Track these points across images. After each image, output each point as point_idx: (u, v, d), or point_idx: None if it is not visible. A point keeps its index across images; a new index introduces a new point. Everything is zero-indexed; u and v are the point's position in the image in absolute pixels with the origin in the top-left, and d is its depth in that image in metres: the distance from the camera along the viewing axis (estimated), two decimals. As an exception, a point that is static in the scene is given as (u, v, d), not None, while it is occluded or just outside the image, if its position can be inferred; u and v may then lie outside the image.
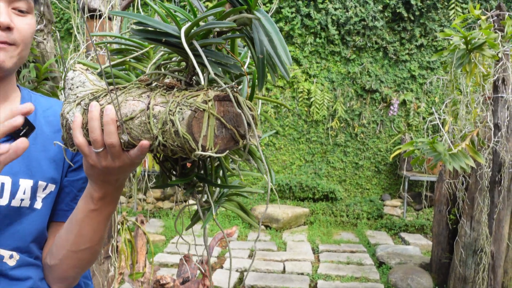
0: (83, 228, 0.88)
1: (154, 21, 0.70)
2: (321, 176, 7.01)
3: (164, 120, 0.65)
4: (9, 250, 0.91)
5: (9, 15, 0.87)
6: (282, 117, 7.07)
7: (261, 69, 0.71)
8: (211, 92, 0.67)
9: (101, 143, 0.71)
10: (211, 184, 0.83)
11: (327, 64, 6.94)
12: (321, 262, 4.79)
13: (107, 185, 0.81)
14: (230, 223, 6.29)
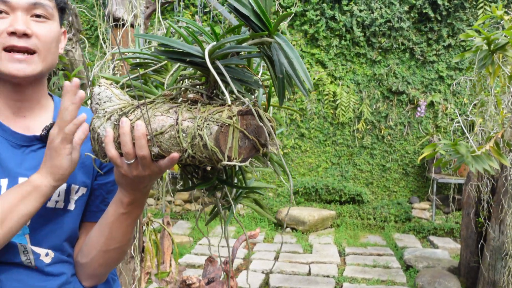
0: (113, 230, 0.94)
1: (178, 43, 0.76)
2: (348, 178, 6.99)
3: (193, 134, 0.72)
4: (45, 248, 0.98)
5: (26, 22, 0.93)
6: (308, 120, 7.08)
7: (281, 87, 0.76)
8: (235, 108, 0.73)
9: (133, 155, 0.77)
10: (231, 185, 0.88)
11: (352, 66, 6.92)
12: (347, 264, 4.78)
13: (136, 191, 0.87)
14: (257, 225, 6.33)
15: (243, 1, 0.71)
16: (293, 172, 7.19)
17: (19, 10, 0.92)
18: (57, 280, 0.98)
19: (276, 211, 6.43)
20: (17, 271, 0.95)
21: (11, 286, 0.93)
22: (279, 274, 4.45)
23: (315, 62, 7.04)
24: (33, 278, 0.96)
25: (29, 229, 0.96)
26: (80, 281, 1.03)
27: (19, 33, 0.91)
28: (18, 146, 0.98)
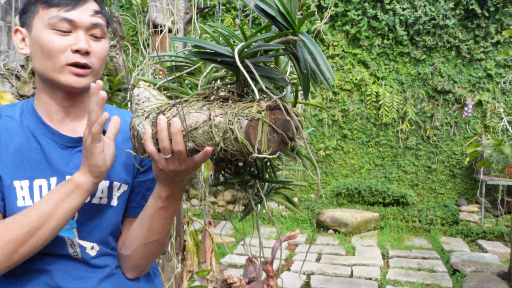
0: (153, 223, 1.00)
1: (209, 44, 0.80)
2: (392, 180, 6.86)
3: (224, 129, 0.76)
4: (91, 242, 1.05)
5: (87, 41, 1.01)
6: (350, 121, 7.01)
7: (306, 82, 0.79)
8: (263, 103, 0.77)
9: (170, 151, 0.82)
10: (261, 180, 0.92)
11: (395, 65, 6.79)
12: (390, 267, 4.70)
13: (173, 185, 0.93)
14: (298, 226, 6.33)
15: (269, 2, 0.74)
16: (336, 174, 7.14)
17: (81, 29, 1.01)
18: (102, 271, 1.05)
19: (318, 212, 6.41)
20: (65, 262, 1.02)
21: (60, 276, 1.01)
22: (321, 275, 4.44)
23: (357, 63, 6.97)
24: (80, 270, 1.03)
25: (76, 223, 1.04)
26: (123, 273, 1.10)
27: (82, 52, 1.00)
28: (65, 147, 1.06)
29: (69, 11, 0.99)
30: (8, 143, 1.02)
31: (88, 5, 1.02)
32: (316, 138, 7.19)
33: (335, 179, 7.13)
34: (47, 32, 0.99)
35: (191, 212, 6.93)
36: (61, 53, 0.99)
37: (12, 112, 1.08)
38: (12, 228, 0.91)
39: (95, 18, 1.03)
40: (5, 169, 1.00)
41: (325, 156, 7.16)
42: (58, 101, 1.06)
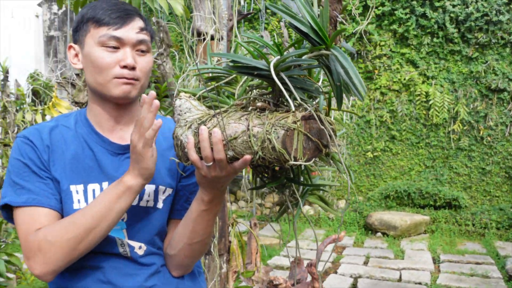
0: (196, 225, 1.07)
1: (246, 58, 0.85)
2: (443, 182, 6.65)
3: (262, 138, 0.81)
4: (139, 242, 1.13)
5: (134, 57, 1.08)
6: (399, 122, 6.87)
7: (339, 93, 0.83)
8: (298, 114, 0.81)
9: (211, 159, 0.88)
10: (297, 183, 0.95)
11: (446, 64, 6.60)
12: (441, 272, 4.57)
13: (214, 190, 0.99)
14: (346, 229, 6.28)
15: (302, 20, 0.78)
16: (384, 176, 7.01)
17: (128, 46, 1.08)
18: (149, 269, 1.13)
19: (366, 215, 6.32)
20: (116, 260, 1.11)
21: (111, 273, 1.09)
22: (368, 279, 4.38)
23: (406, 62, 6.82)
24: (129, 267, 1.11)
25: (126, 224, 1.12)
26: (169, 271, 1.17)
27: (129, 67, 1.07)
28: (115, 154, 1.14)
29: (117, 30, 1.07)
30: (65, 151, 1.11)
31: (134, 23, 1.09)
32: (364, 140, 7.09)
33: (384, 181, 7.00)
34: (97, 49, 1.08)
35: (238, 213, 7.03)
36: (110, 69, 1.07)
37: (68, 122, 1.17)
38: (71, 228, 0.99)
39: (141, 34, 1.10)
40: (62, 175, 1.09)
41: (373, 158, 7.05)
42: (108, 112, 1.14)
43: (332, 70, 0.81)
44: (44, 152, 1.10)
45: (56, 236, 0.99)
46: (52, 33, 8.31)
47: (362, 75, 7.09)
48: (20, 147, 1.10)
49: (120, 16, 1.08)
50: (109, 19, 1.07)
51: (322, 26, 0.78)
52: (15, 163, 1.08)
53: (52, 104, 3.13)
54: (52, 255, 0.98)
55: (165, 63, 2.30)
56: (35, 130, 1.14)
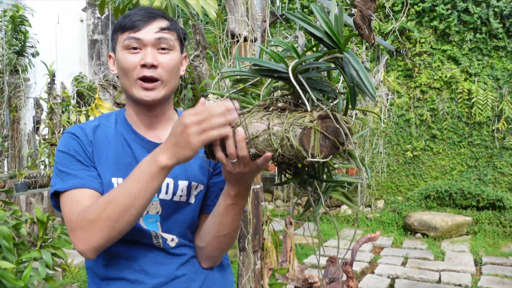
0: (223, 218, 1.12)
1: (267, 62, 0.90)
2: (487, 182, 6.45)
3: (281, 137, 0.86)
4: (171, 234, 1.20)
5: (154, 55, 1.14)
6: (440, 120, 6.71)
7: (353, 94, 0.86)
8: (315, 113, 0.85)
9: (235, 156, 0.93)
10: (318, 179, 0.99)
11: (490, 60, 6.39)
12: (483, 274, 4.45)
13: (240, 185, 1.04)
14: (384, 230, 6.20)
15: (317, 26, 0.81)
16: (424, 175, 6.87)
17: (148, 45, 1.15)
18: (180, 259, 1.20)
19: (405, 215, 6.22)
20: (150, 250, 1.18)
21: (144, 262, 1.17)
22: (406, 279, 4.32)
23: (447, 59, 6.66)
24: (161, 257, 1.18)
25: (160, 217, 1.19)
26: (199, 263, 1.24)
27: (148, 65, 1.13)
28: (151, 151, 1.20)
29: (136, 32, 1.14)
30: (108, 148, 1.20)
31: (155, 24, 1.16)
32: (403, 139, 6.97)
33: (424, 181, 6.86)
34: (123, 52, 1.16)
35: (275, 213, 7.07)
36: (133, 69, 1.14)
37: (109, 121, 1.26)
38: (109, 207, 1.02)
39: (160, 33, 1.15)
40: (105, 168, 1.17)
41: (412, 157, 6.92)
42: (142, 112, 1.22)
43: (346, 72, 0.84)
44: (89, 146, 1.18)
45: (95, 214, 1.03)
46: (96, 37, 8.62)
47: (401, 73, 6.97)
48: (66, 141, 1.18)
49: (140, 20, 1.14)
50: (131, 23, 1.14)
51: (336, 31, 0.82)
52: (61, 155, 1.17)
53: (95, 105, 3.27)
54: (92, 233, 1.03)
55: (201, 64, 2.37)
56: (79, 128, 1.23)
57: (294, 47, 0.87)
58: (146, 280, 1.16)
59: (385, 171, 7.07)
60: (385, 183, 7.11)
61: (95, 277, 1.21)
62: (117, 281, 1.17)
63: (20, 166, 5.96)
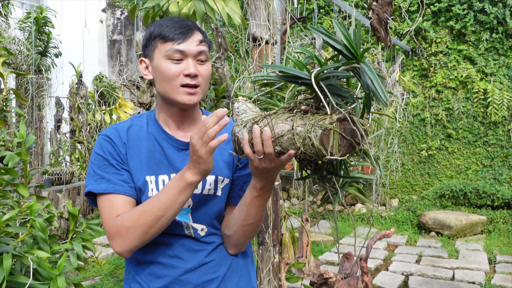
0: (249, 209, 1.24)
1: (292, 69, 1.01)
2: (502, 182, 6.46)
3: (304, 136, 0.96)
4: (201, 224, 1.32)
5: (195, 66, 1.26)
6: (455, 120, 6.73)
7: (368, 99, 0.96)
8: (334, 116, 0.96)
9: (262, 152, 1.04)
10: (336, 175, 1.10)
11: (506, 60, 6.40)
12: (496, 272, 4.49)
13: (265, 179, 1.16)
14: (399, 228, 6.25)
15: (336, 39, 0.92)
16: (439, 175, 6.90)
17: (190, 57, 1.26)
18: (209, 246, 1.33)
19: (420, 214, 6.27)
20: (183, 239, 1.31)
21: (178, 249, 1.30)
22: (420, 276, 4.39)
23: (463, 59, 6.67)
24: (193, 244, 1.31)
25: (191, 209, 1.31)
26: (226, 249, 1.36)
27: (191, 75, 1.25)
28: (180, 149, 1.33)
29: (180, 44, 1.25)
30: (140, 147, 1.32)
31: (195, 37, 1.27)
32: (418, 138, 7.01)
33: (439, 180, 6.89)
34: (164, 61, 1.26)
35: (291, 210, 7.16)
36: (176, 78, 1.26)
37: (141, 122, 1.38)
38: (144, 216, 1.19)
39: (200, 46, 1.27)
40: (138, 168, 1.30)
41: (427, 157, 6.96)
42: (174, 114, 1.34)
43: (362, 79, 0.94)
44: (122, 148, 1.30)
45: (131, 222, 1.19)
46: (115, 37, 8.80)
47: (416, 72, 7.00)
48: (102, 143, 1.31)
49: (182, 32, 1.26)
50: (173, 35, 1.25)
51: (354, 44, 0.92)
52: (96, 157, 1.30)
53: (119, 104, 3.40)
54: (128, 237, 1.19)
55: (222, 66, 2.48)
56: (114, 129, 1.35)
57: (317, 57, 0.97)
58: (180, 265, 1.29)
59: (400, 170, 7.12)
60: (399, 182, 7.16)
61: (132, 261, 1.34)
62: (153, 265, 1.30)
63: (43, 164, 6.15)
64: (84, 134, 3.46)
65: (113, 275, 4.44)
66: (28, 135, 1.91)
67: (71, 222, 2.05)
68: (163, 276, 1.29)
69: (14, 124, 2.55)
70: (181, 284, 1.29)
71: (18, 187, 1.76)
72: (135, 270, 1.33)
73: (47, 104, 6.11)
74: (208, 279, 1.31)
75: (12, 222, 1.68)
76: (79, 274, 4.32)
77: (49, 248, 1.76)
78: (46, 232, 1.68)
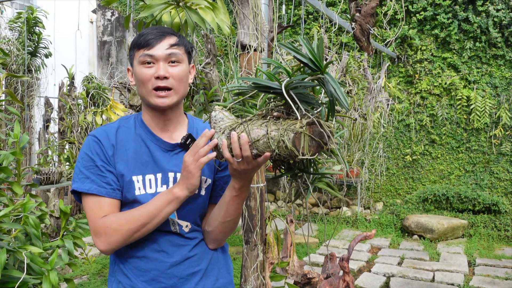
0: (229, 207, 1.35)
1: (264, 81, 1.12)
2: (483, 187, 6.63)
3: (278, 140, 1.07)
4: (186, 221, 1.42)
5: (165, 68, 1.35)
6: (439, 126, 6.89)
7: (332, 105, 1.07)
8: (304, 121, 1.07)
9: (240, 156, 1.15)
10: (307, 172, 1.20)
11: (489, 69, 6.57)
12: (475, 275, 4.63)
13: (243, 179, 1.27)
14: (382, 231, 6.38)
15: (302, 53, 1.02)
16: (423, 179, 7.05)
17: (161, 60, 1.35)
18: (193, 241, 1.43)
19: (403, 217, 6.40)
20: (168, 235, 1.41)
21: (164, 243, 1.40)
22: (401, 278, 4.51)
23: (447, 66, 6.84)
24: (178, 240, 1.41)
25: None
26: (206, 245, 1.48)
27: (161, 77, 1.35)
28: (166, 150, 1.42)
29: (150, 49, 1.35)
30: (128, 148, 1.40)
31: (165, 41, 1.36)
32: (403, 143, 7.16)
33: (422, 185, 7.04)
34: (139, 67, 1.37)
35: (277, 213, 7.25)
36: (148, 81, 1.36)
37: (128, 123, 1.46)
38: (131, 221, 1.30)
39: (170, 49, 1.36)
40: (126, 168, 1.38)
41: (411, 161, 7.11)
42: (157, 116, 1.43)
43: (326, 87, 1.04)
44: (109, 149, 1.39)
45: (119, 225, 1.30)
46: (106, 38, 8.83)
47: (402, 79, 7.16)
48: (90, 143, 1.40)
49: (153, 38, 1.35)
50: (145, 42, 1.35)
51: (317, 58, 1.02)
52: (84, 156, 1.38)
53: (110, 106, 3.46)
54: (114, 238, 1.31)
55: (211, 71, 2.56)
56: (103, 131, 1.43)
57: (286, 69, 1.08)
58: (166, 259, 1.39)
59: (385, 174, 7.26)
60: (384, 186, 7.30)
61: (119, 256, 1.43)
62: (139, 259, 1.40)
63: (31, 163, 6.17)
64: (76, 135, 3.52)
65: (101, 274, 4.49)
66: (22, 134, 1.98)
67: (62, 220, 2.12)
68: (150, 269, 1.38)
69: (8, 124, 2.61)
70: (167, 277, 1.38)
71: (13, 185, 1.83)
72: (122, 264, 1.42)
73: (36, 104, 6.14)
74: (192, 271, 1.41)
75: (6, 219, 1.75)
76: (66, 273, 4.36)
77: (41, 244, 1.83)
78: (39, 229, 1.75)
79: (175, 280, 1.39)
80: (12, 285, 1.48)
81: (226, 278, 1.52)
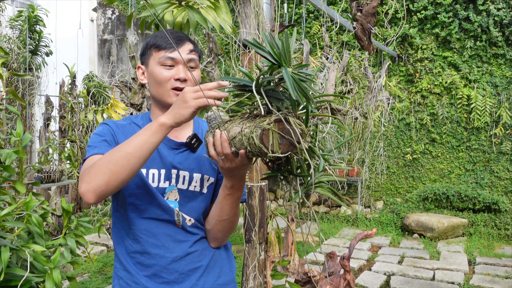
0: (223, 206, 1.37)
1: (240, 79, 1.13)
2: (483, 186, 6.64)
3: (247, 137, 1.08)
4: (189, 216, 1.43)
5: (185, 72, 1.39)
6: (439, 125, 6.90)
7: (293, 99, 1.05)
8: (273, 117, 1.07)
9: (222, 153, 1.16)
10: (293, 174, 1.19)
11: (489, 68, 6.57)
12: (475, 273, 4.64)
13: (232, 178, 1.28)
14: (383, 230, 6.39)
15: (263, 48, 1.03)
16: (423, 178, 7.06)
17: (180, 63, 1.40)
18: (194, 237, 1.44)
19: (404, 216, 6.41)
20: (169, 228, 1.41)
21: (164, 238, 1.40)
22: (401, 276, 4.52)
23: (447, 65, 6.84)
24: (179, 235, 1.42)
25: (178, 204, 1.42)
26: (208, 243, 1.49)
27: (181, 79, 1.39)
28: (172, 148, 1.45)
29: (172, 52, 1.39)
30: None
31: (185, 46, 1.41)
32: (403, 142, 7.16)
33: (422, 184, 7.05)
34: (158, 67, 1.40)
35: (277, 211, 7.26)
36: (167, 81, 1.39)
37: (137, 120, 1.50)
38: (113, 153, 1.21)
39: (190, 55, 1.41)
40: None
41: (412, 160, 7.11)
42: None
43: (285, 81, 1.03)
44: (118, 136, 1.42)
45: (100, 160, 1.23)
46: (106, 37, 8.83)
47: (402, 78, 7.16)
48: (101, 127, 1.44)
49: (174, 42, 1.39)
50: (166, 44, 1.39)
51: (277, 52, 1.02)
52: (94, 137, 1.40)
53: (111, 105, 3.47)
54: (94, 175, 1.20)
55: (213, 70, 2.57)
56: (113, 122, 1.48)
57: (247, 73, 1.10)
58: (166, 254, 1.40)
59: (385, 173, 7.26)
60: (384, 184, 7.31)
61: (121, 252, 1.45)
62: (140, 255, 1.41)
63: (32, 161, 6.17)
64: (77, 134, 3.53)
65: (102, 272, 4.50)
66: (24, 133, 1.98)
67: (64, 218, 2.13)
68: (151, 265, 1.40)
69: (9, 123, 2.62)
70: (168, 272, 1.40)
71: (16, 183, 1.83)
72: (125, 260, 1.44)
73: (37, 103, 6.14)
74: (193, 267, 1.43)
75: (9, 217, 1.75)
76: (68, 272, 4.37)
77: (44, 242, 1.84)
78: (42, 227, 1.75)
79: (176, 275, 1.40)
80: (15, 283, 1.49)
81: (228, 276, 1.53)
